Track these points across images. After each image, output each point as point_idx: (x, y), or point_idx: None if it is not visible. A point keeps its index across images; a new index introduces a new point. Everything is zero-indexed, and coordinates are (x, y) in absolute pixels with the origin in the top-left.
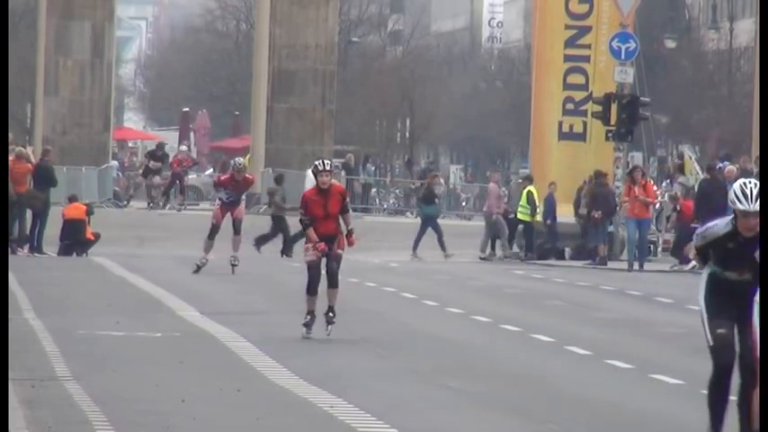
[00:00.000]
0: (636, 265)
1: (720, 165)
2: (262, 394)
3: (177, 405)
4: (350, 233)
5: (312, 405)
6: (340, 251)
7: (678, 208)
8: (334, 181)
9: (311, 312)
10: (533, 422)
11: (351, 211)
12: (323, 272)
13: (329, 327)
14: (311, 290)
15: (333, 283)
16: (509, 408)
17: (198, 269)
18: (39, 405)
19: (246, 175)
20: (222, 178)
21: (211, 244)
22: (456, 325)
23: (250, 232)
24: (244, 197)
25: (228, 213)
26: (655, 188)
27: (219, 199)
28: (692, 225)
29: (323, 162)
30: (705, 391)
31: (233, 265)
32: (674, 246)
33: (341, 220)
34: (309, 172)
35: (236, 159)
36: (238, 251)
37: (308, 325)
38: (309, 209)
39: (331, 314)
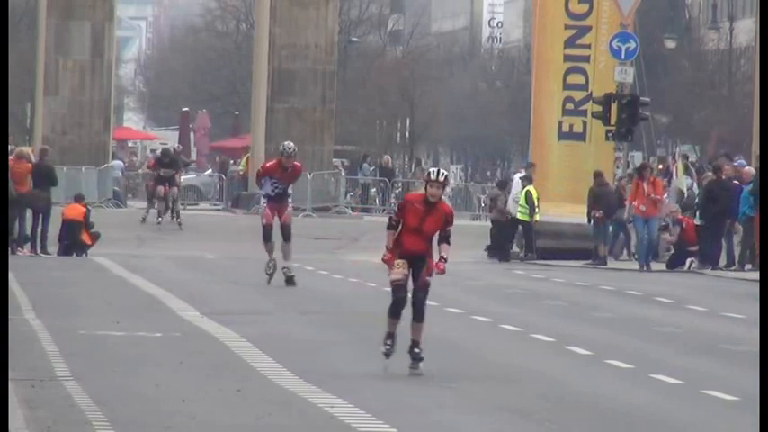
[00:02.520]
0: (644, 265)
1: (735, 164)
2: (262, 394)
3: (177, 405)
4: (441, 259)
5: (312, 405)
6: (429, 279)
7: (683, 226)
8: (444, 198)
9: (391, 336)
10: (533, 422)
11: (450, 243)
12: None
13: (419, 364)
14: (395, 312)
15: (419, 316)
16: (509, 408)
17: (270, 277)
18: (39, 405)
19: (295, 162)
20: (268, 165)
21: (272, 246)
22: (456, 325)
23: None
24: (291, 191)
25: (276, 215)
26: (663, 184)
27: (265, 196)
28: (690, 249)
29: (437, 172)
30: (705, 391)
31: (288, 277)
32: (669, 262)
33: (435, 245)
34: (517, 177)
35: (286, 143)
36: (290, 260)
37: (388, 353)
38: (404, 213)
39: (417, 350)
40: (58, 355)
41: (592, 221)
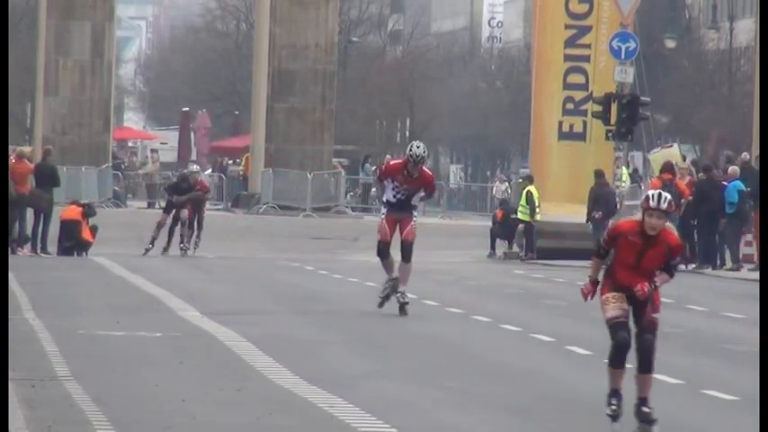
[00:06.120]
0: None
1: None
2: (262, 394)
3: (177, 405)
4: (649, 283)
5: (312, 405)
6: (657, 315)
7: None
8: (668, 225)
9: (616, 393)
10: (533, 422)
11: (673, 274)
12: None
13: (652, 429)
14: (617, 360)
15: (646, 365)
16: (509, 408)
17: (383, 300)
18: (39, 405)
19: (425, 169)
20: (392, 163)
21: (390, 263)
22: (456, 325)
23: (254, 233)
24: (417, 203)
25: (397, 228)
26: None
27: (385, 203)
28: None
29: (658, 196)
30: (705, 391)
31: (402, 303)
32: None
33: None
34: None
35: (415, 146)
36: (407, 284)
37: (615, 414)
38: (617, 245)
39: (646, 409)
40: (58, 355)
41: (591, 222)
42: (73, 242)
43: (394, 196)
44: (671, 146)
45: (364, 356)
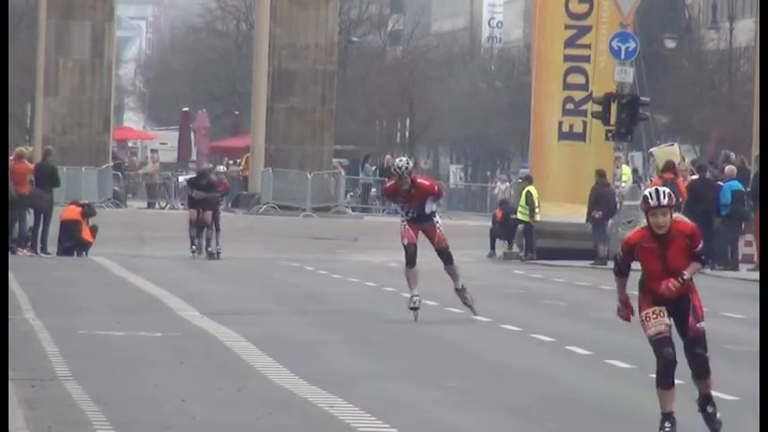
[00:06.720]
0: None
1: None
2: (262, 394)
3: (177, 405)
4: (680, 279)
5: (312, 405)
6: (701, 325)
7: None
8: (678, 216)
9: (668, 417)
10: (533, 422)
11: (703, 260)
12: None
13: (719, 429)
14: (665, 380)
15: (701, 371)
16: (509, 408)
17: (416, 312)
18: (39, 405)
19: (420, 181)
20: (388, 185)
21: (414, 273)
22: (456, 325)
23: (253, 231)
24: (434, 208)
25: (424, 234)
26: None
27: (402, 217)
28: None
29: (657, 193)
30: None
31: (464, 297)
32: None
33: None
34: None
35: (396, 161)
36: (460, 280)
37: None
38: (640, 259)
39: (710, 408)
40: (58, 355)
41: (590, 222)
42: (73, 242)
43: (407, 213)
44: (672, 145)
45: (364, 356)
